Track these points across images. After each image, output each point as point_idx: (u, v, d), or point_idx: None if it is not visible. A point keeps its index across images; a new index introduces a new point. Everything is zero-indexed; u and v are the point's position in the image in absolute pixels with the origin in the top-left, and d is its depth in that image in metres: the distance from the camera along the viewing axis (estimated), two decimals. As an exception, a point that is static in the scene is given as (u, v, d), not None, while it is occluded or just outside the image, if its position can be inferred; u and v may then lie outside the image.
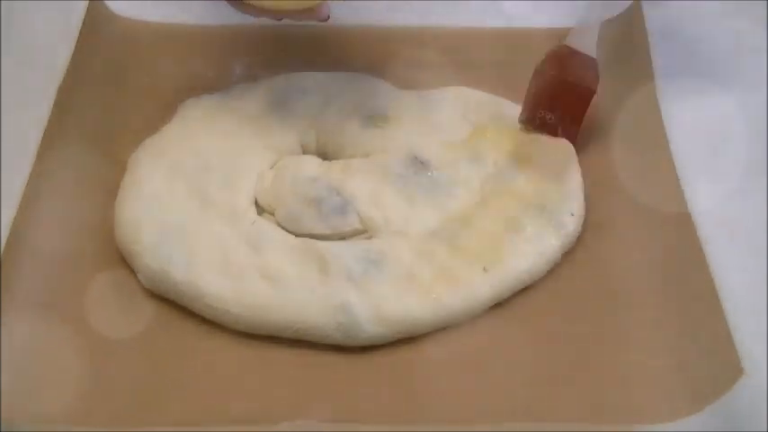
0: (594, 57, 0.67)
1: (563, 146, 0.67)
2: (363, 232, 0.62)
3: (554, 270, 0.61)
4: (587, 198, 0.65)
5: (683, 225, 0.61)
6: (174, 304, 0.59)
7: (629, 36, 0.75)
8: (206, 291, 0.58)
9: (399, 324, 0.57)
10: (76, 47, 0.72)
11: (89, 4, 0.75)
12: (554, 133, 0.66)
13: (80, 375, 0.55)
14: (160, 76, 0.74)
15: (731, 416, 0.52)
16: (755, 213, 0.64)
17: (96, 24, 0.75)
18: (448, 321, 0.58)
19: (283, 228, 0.62)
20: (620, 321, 0.58)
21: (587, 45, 0.68)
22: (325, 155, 0.68)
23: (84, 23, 0.74)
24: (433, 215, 0.63)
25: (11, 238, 0.59)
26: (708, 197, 0.63)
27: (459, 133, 0.68)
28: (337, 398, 0.54)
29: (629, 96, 0.71)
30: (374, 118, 0.68)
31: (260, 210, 0.64)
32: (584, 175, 0.66)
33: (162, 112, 0.70)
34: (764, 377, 0.53)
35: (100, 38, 0.74)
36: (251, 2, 0.62)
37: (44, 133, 0.66)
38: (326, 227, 0.62)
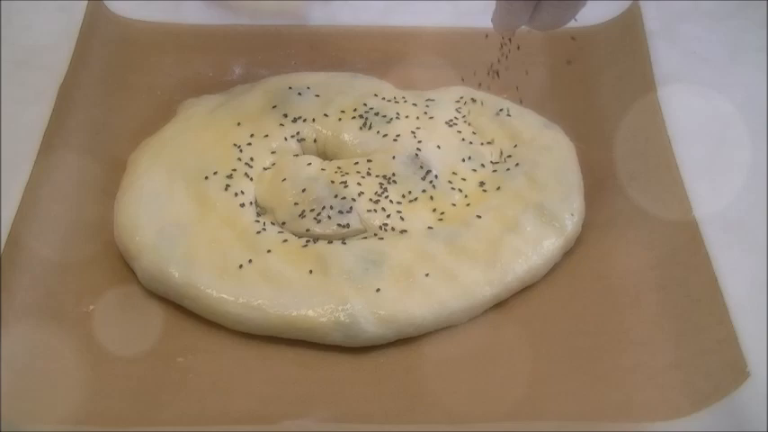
0: None
1: (563, 146, 0.67)
2: (363, 232, 0.62)
3: (554, 270, 0.61)
4: (587, 198, 0.65)
5: (683, 225, 0.61)
6: (174, 304, 0.59)
7: (628, 37, 0.75)
8: (206, 291, 0.58)
9: (399, 324, 0.57)
10: (76, 47, 0.73)
11: (89, 5, 0.76)
12: None
13: (80, 375, 0.55)
14: (160, 76, 0.74)
15: (731, 416, 0.52)
16: (756, 213, 0.64)
17: (96, 24, 0.75)
18: (448, 321, 0.58)
19: (283, 228, 0.62)
20: (620, 321, 0.58)
21: None
22: (325, 155, 0.68)
23: (84, 23, 0.74)
24: (433, 215, 0.63)
25: (11, 239, 0.59)
26: (708, 197, 0.63)
27: (459, 133, 0.68)
28: (337, 398, 0.54)
29: (629, 97, 0.71)
30: (374, 118, 0.68)
31: (260, 210, 0.64)
32: (584, 175, 0.66)
33: (162, 112, 0.70)
34: (765, 377, 0.53)
35: (100, 38, 0.75)
36: None
37: (44, 133, 0.66)
38: (326, 227, 0.62)
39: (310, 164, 0.66)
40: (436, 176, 0.65)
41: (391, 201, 0.63)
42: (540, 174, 0.65)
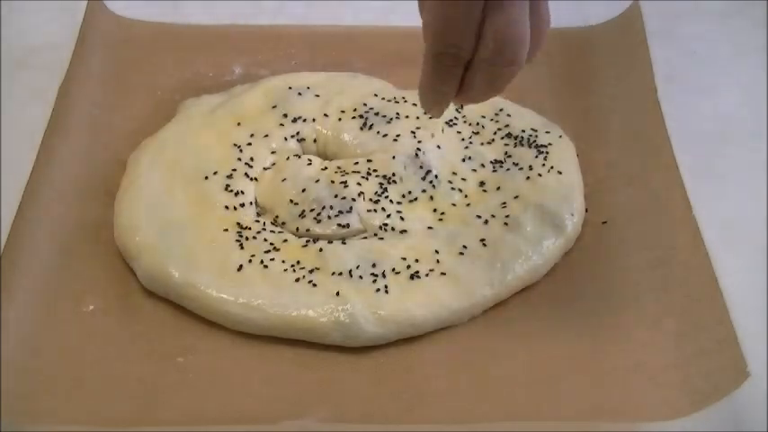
0: None
1: (563, 146, 0.67)
2: (363, 232, 0.62)
3: (554, 270, 0.61)
4: (587, 198, 0.65)
5: (683, 225, 0.61)
6: (174, 304, 0.59)
7: (629, 36, 0.75)
8: (206, 291, 0.58)
9: (399, 324, 0.57)
10: (76, 47, 0.73)
11: (89, 4, 0.76)
12: None
13: (80, 375, 0.55)
14: (160, 76, 0.74)
15: (731, 416, 0.52)
16: (756, 213, 0.64)
17: (96, 24, 0.75)
18: (448, 321, 0.58)
19: (283, 228, 0.62)
20: (620, 321, 0.58)
21: None
22: (325, 155, 0.68)
23: (84, 23, 0.74)
24: (433, 215, 0.63)
25: (11, 238, 0.59)
26: (708, 197, 0.63)
27: (459, 133, 0.68)
28: (337, 398, 0.54)
29: (629, 96, 0.71)
30: (374, 118, 0.68)
31: (260, 210, 0.64)
32: (584, 175, 0.66)
33: (162, 112, 0.70)
34: (765, 377, 0.53)
35: (100, 38, 0.75)
36: None
37: (44, 133, 0.66)
38: (326, 227, 0.62)
39: (310, 164, 0.66)
40: (436, 176, 0.65)
41: (391, 201, 0.63)
42: (539, 174, 0.65)
